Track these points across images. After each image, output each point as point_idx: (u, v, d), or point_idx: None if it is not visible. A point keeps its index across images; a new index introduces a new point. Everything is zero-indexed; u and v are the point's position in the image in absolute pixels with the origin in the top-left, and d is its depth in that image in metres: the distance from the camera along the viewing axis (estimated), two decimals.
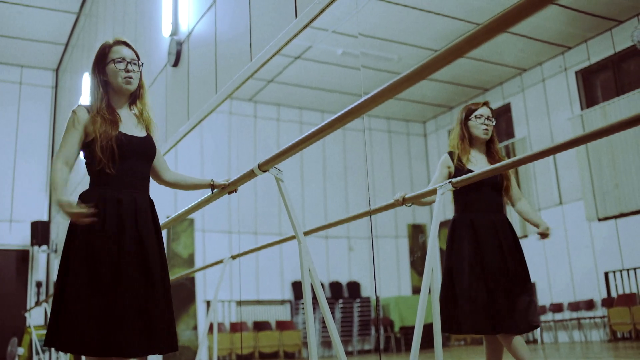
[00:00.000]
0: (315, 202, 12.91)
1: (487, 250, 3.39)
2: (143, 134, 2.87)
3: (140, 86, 2.94)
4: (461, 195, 3.55)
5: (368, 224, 11.99)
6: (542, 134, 11.07)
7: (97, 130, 2.70)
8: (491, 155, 3.63)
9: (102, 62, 2.86)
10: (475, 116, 3.61)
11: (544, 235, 3.46)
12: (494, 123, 3.62)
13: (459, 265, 3.42)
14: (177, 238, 11.59)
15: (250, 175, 2.80)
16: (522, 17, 1.30)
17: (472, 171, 3.44)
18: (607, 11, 9.50)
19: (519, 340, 3.32)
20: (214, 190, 3.09)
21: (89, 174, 2.80)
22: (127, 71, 2.83)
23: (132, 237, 2.66)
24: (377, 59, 10.70)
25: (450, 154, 3.63)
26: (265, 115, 12.90)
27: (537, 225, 3.50)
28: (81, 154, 2.82)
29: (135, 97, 2.93)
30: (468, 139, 3.63)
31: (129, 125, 2.84)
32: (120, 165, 2.72)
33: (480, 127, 3.59)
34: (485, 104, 3.66)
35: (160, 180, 3.05)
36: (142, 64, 2.93)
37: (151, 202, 2.82)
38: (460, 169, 3.52)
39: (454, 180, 3.25)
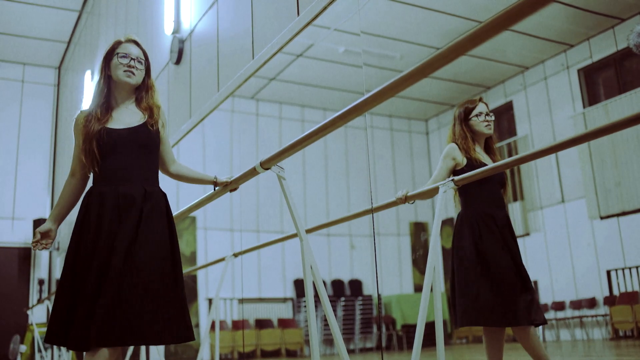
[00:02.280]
0: (317, 200, 12.91)
1: (500, 245, 3.41)
2: (137, 123, 2.83)
3: (149, 86, 2.95)
4: (468, 190, 3.53)
5: (370, 222, 11.98)
6: (544, 132, 11.06)
7: (81, 133, 2.80)
8: (491, 152, 3.67)
9: (108, 57, 2.89)
10: (476, 114, 3.62)
11: None
12: (493, 118, 3.65)
13: (477, 260, 3.39)
14: (179, 236, 11.44)
15: (252, 173, 2.80)
16: (524, 15, 1.30)
17: (484, 164, 3.45)
18: (610, 9, 9.49)
19: (535, 333, 3.36)
20: (216, 188, 3.11)
21: None
22: (129, 66, 2.84)
23: (108, 231, 2.63)
24: (379, 57, 10.70)
25: (457, 145, 3.60)
26: (267, 113, 12.90)
27: None
28: None
29: (141, 97, 2.92)
30: (470, 137, 3.63)
31: (124, 118, 2.82)
32: (105, 161, 2.75)
33: (482, 123, 3.61)
34: (481, 100, 3.69)
35: (165, 170, 3.06)
36: (149, 64, 2.97)
37: (146, 192, 2.73)
38: (471, 162, 3.51)
39: (456, 178, 3.24)
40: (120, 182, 2.72)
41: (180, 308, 2.66)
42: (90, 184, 2.88)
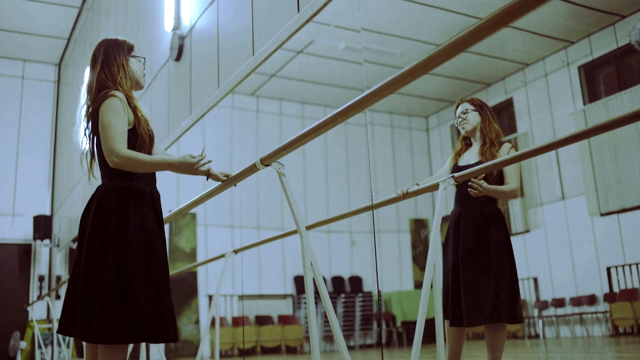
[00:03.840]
0: (318, 196, 12.91)
1: (463, 242, 3.50)
2: None
3: None
4: (456, 190, 3.69)
5: (370, 219, 11.99)
6: (545, 129, 11.06)
7: (142, 121, 2.72)
8: (482, 148, 3.65)
9: (127, 52, 2.88)
10: (456, 116, 3.80)
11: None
12: (465, 116, 3.72)
13: (444, 259, 3.64)
14: (180, 232, 11.60)
15: (252, 169, 2.80)
16: (524, 12, 1.30)
17: (460, 167, 3.62)
18: (610, 6, 9.48)
19: (501, 330, 3.42)
20: (208, 179, 3.08)
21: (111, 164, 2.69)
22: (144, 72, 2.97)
23: (161, 231, 2.79)
24: (379, 54, 10.69)
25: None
26: (267, 110, 12.89)
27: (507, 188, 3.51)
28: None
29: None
30: (461, 138, 3.84)
31: None
32: None
33: (459, 125, 3.78)
34: (460, 101, 3.83)
35: None
36: None
37: None
38: (453, 166, 3.73)
39: (456, 175, 3.27)
40: (155, 181, 2.86)
41: None
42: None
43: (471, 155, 3.68)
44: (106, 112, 2.62)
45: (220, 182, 3.07)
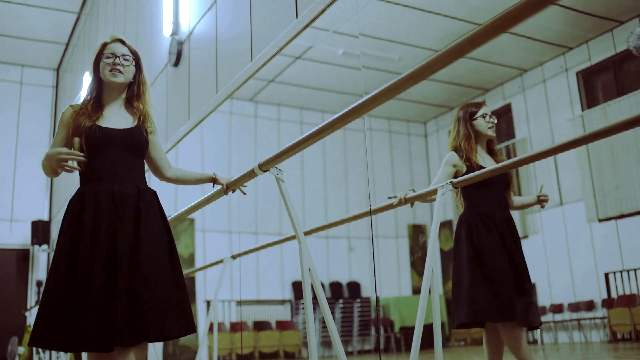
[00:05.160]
0: (316, 202, 12.90)
1: (497, 245, 3.42)
2: (128, 125, 2.83)
3: (139, 83, 2.92)
4: (470, 192, 3.55)
5: (368, 224, 11.98)
6: (543, 135, 11.06)
7: (71, 128, 2.79)
8: (494, 154, 3.69)
9: (97, 59, 2.89)
10: (481, 115, 3.63)
11: (542, 198, 3.64)
12: (496, 121, 3.68)
13: (474, 259, 3.40)
14: (178, 238, 11.59)
15: (250, 175, 2.80)
16: (523, 18, 1.30)
17: (483, 167, 3.46)
18: (608, 12, 9.49)
19: (523, 334, 3.38)
20: (214, 185, 3.11)
21: None
22: (114, 64, 2.82)
23: (106, 229, 2.63)
24: (377, 59, 10.70)
25: (457, 151, 3.60)
26: (265, 115, 12.89)
27: (532, 202, 3.70)
28: None
29: (132, 94, 2.91)
30: (474, 138, 3.63)
31: (114, 118, 2.82)
32: (95, 159, 2.74)
33: (486, 125, 3.63)
34: (484, 103, 3.73)
35: (162, 176, 3.04)
36: (135, 60, 2.90)
37: (139, 190, 2.74)
38: (471, 167, 3.52)
39: (454, 180, 3.25)
40: (113, 180, 2.72)
41: (186, 300, 2.72)
42: (74, 182, 2.91)
43: (488, 161, 3.63)
44: None
45: (219, 187, 3.10)
